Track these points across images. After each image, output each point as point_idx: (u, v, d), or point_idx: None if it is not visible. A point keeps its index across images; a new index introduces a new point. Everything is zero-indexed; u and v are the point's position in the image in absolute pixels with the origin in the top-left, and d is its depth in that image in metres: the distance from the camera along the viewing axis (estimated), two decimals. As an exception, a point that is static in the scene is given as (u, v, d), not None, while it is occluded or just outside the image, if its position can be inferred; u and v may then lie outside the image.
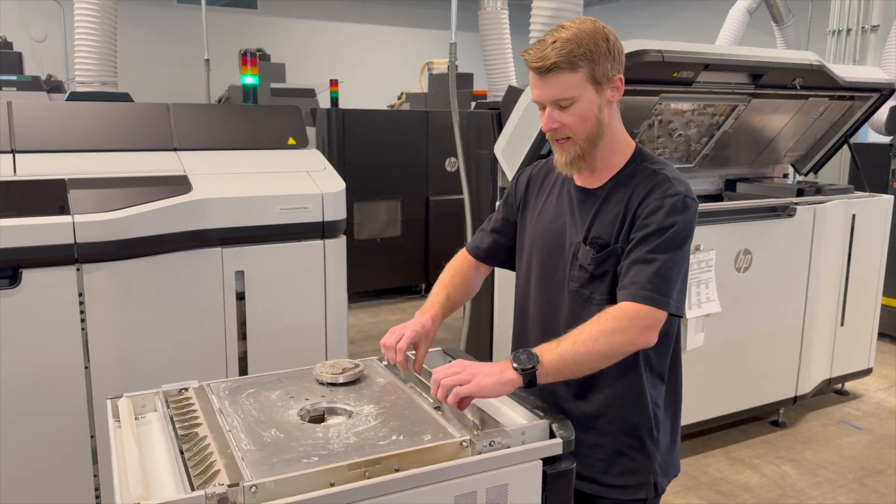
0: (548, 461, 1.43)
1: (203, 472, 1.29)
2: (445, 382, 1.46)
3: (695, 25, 12.20)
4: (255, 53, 4.60)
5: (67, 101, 3.65)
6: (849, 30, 6.71)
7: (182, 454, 1.36)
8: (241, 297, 2.71)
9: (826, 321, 4.14)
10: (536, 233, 1.78)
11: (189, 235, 2.55)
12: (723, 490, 3.40)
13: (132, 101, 4.74)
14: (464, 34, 4.98)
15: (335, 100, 6.83)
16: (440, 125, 6.70)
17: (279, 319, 2.79)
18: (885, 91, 4.27)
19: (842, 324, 4.26)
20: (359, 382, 1.71)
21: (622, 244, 1.61)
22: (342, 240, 2.89)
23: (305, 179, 2.84)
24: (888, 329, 5.44)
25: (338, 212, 2.84)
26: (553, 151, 1.69)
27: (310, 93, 8.64)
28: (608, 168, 1.68)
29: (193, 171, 2.70)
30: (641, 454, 1.69)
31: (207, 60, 6.47)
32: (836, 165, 5.71)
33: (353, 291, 3.13)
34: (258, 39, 11.67)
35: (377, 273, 6.52)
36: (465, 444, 1.38)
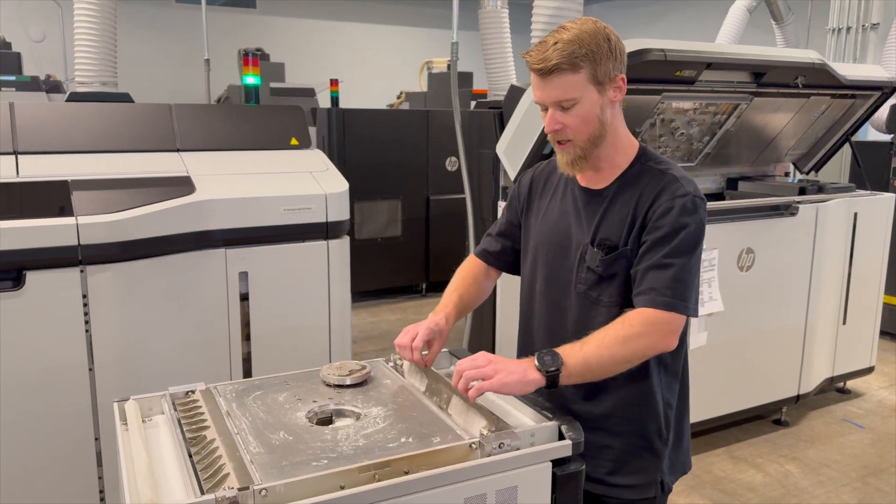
0: (557, 463, 1.43)
1: (212, 476, 1.28)
2: (469, 374, 1.48)
3: (694, 24, 12.20)
4: (255, 53, 4.57)
5: (70, 102, 3.63)
6: (848, 28, 6.71)
7: (191, 457, 1.36)
8: (245, 298, 2.70)
9: (828, 319, 4.14)
10: (541, 234, 1.78)
11: (193, 236, 2.54)
12: (726, 489, 3.40)
13: (132, 102, 4.73)
14: (463, 33, 4.97)
15: (335, 99, 6.81)
16: (440, 124, 6.69)
17: (283, 320, 2.78)
18: (887, 89, 4.27)
19: (844, 322, 4.26)
20: (366, 384, 1.70)
21: (632, 246, 1.60)
22: (346, 240, 2.89)
23: (309, 180, 2.84)
24: (889, 327, 5.44)
25: (341, 212, 2.83)
26: (555, 152, 1.69)
27: (309, 92, 8.63)
28: (612, 168, 1.68)
29: (196, 172, 2.69)
30: (650, 453, 1.69)
31: (207, 60, 6.46)
32: (837, 164, 5.71)
33: (354, 291, 3.13)
34: (257, 39, 11.66)
35: (378, 273, 6.51)
36: (475, 447, 1.38)
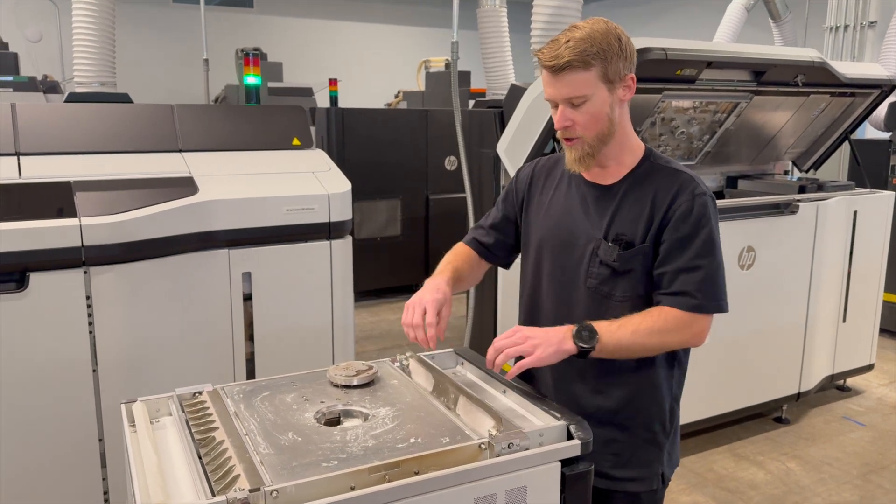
0: (566, 463, 1.43)
1: (223, 477, 1.28)
2: (509, 352, 1.53)
3: (691, 23, 12.22)
4: (253, 53, 4.56)
5: (72, 103, 3.62)
6: (846, 26, 6.72)
7: (200, 459, 1.36)
8: (248, 299, 2.70)
9: (828, 317, 4.15)
10: (545, 229, 1.78)
11: (196, 237, 2.54)
12: (728, 487, 3.41)
13: (131, 102, 4.72)
14: (461, 32, 4.97)
15: (334, 99, 6.81)
16: (440, 124, 6.69)
17: (286, 320, 2.78)
18: (886, 87, 4.28)
19: (844, 320, 4.27)
20: (373, 385, 1.70)
21: (650, 243, 1.63)
22: (348, 240, 2.89)
23: (311, 180, 2.84)
24: (889, 325, 5.46)
25: (344, 212, 2.83)
26: (563, 148, 1.69)
27: (307, 92, 8.62)
28: (619, 166, 1.70)
29: (199, 173, 2.69)
30: (653, 446, 1.73)
31: (206, 60, 6.45)
32: (836, 162, 5.72)
33: (354, 291, 3.13)
34: (254, 38, 11.64)
35: (377, 272, 6.51)
36: (484, 447, 1.38)
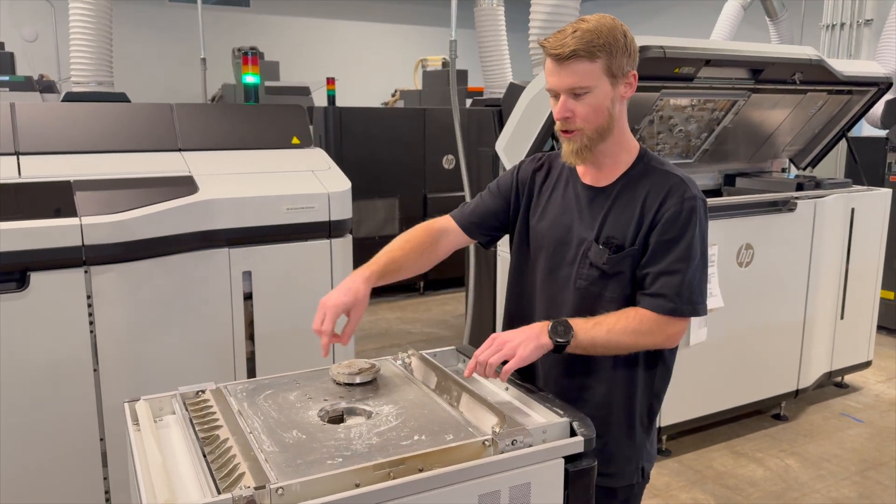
0: (569, 459, 1.43)
1: (228, 475, 1.28)
2: (493, 361, 1.54)
3: (688, 21, 12.24)
4: (253, 52, 4.57)
5: (70, 102, 3.62)
6: (842, 24, 6.74)
7: (205, 457, 1.36)
8: (249, 298, 2.70)
9: (826, 314, 4.17)
10: (543, 228, 1.78)
11: (196, 236, 2.54)
12: (728, 484, 3.42)
13: (129, 101, 4.72)
14: (458, 31, 4.98)
15: (332, 98, 6.81)
16: (437, 122, 6.69)
17: (286, 319, 2.78)
18: (883, 85, 4.30)
19: (842, 317, 4.28)
20: (375, 382, 1.70)
21: (639, 246, 1.64)
22: (348, 239, 2.89)
23: (311, 179, 2.84)
24: (886, 322, 5.47)
25: (344, 211, 2.83)
26: (560, 142, 1.69)
27: (304, 91, 8.62)
28: (616, 166, 1.70)
29: (199, 172, 2.69)
30: (634, 441, 1.76)
31: (204, 59, 6.44)
32: (833, 159, 5.74)
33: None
34: (250, 38, 11.63)
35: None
36: (488, 444, 1.38)
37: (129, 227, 2.38)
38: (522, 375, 1.70)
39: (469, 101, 7.76)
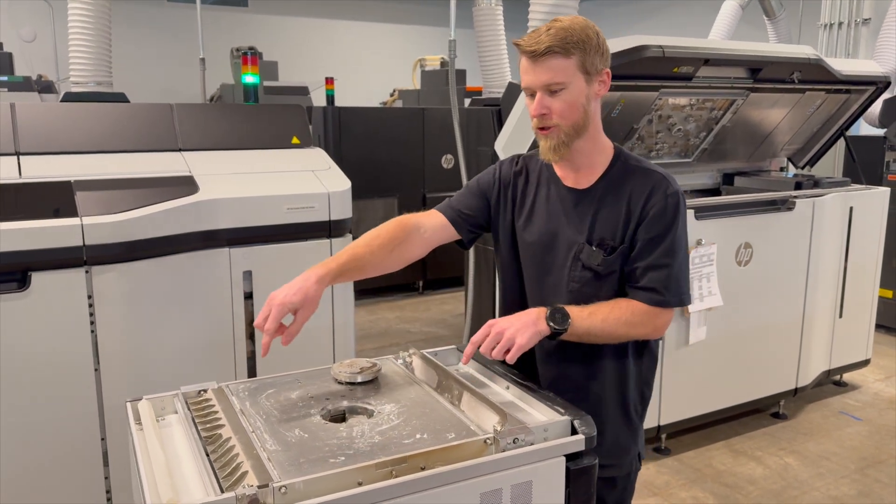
0: (570, 457, 1.44)
1: (231, 474, 1.28)
2: (495, 354, 1.56)
3: (686, 20, 12.25)
4: (252, 52, 4.57)
5: (70, 103, 3.62)
6: (840, 23, 6.75)
7: (208, 456, 1.36)
8: (249, 297, 2.70)
9: (825, 313, 4.18)
10: (531, 233, 1.80)
11: (197, 236, 2.54)
12: (727, 482, 3.43)
13: (128, 101, 4.72)
14: (457, 30, 4.99)
15: (331, 97, 6.81)
16: (436, 122, 6.70)
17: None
18: (881, 84, 4.31)
19: (840, 315, 4.29)
20: (377, 381, 1.71)
21: (628, 243, 1.69)
22: (348, 238, 2.89)
23: (311, 179, 2.84)
24: (885, 320, 5.48)
25: (344, 210, 2.84)
26: (537, 139, 1.71)
27: (303, 91, 8.61)
28: (592, 167, 1.73)
29: (199, 172, 2.69)
30: (630, 430, 1.80)
31: (203, 59, 6.44)
32: (831, 158, 5.75)
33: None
34: (249, 37, 11.63)
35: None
36: (489, 442, 1.39)
37: (130, 227, 2.39)
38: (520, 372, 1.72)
39: (468, 101, 7.76)
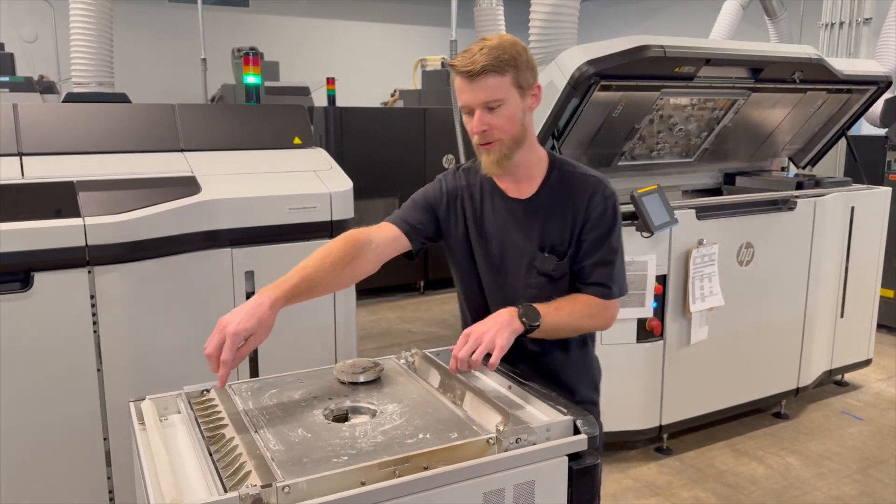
0: (573, 457, 1.44)
1: (234, 474, 1.28)
2: (476, 358, 1.59)
3: (687, 20, 12.24)
4: (254, 53, 4.58)
5: (72, 103, 3.62)
6: (842, 23, 6.75)
7: (211, 455, 1.36)
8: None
9: (826, 313, 4.18)
10: (483, 245, 1.85)
11: (199, 236, 2.55)
12: (729, 482, 3.43)
13: (130, 102, 4.72)
14: (458, 30, 5.00)
15: (332, 98, 6.81)
16: (437, 122, 6.69)
17: (289, 319, 2.76)
18: (882, 84, 4.31)
19: (842, 315, 4.29)
20: (379, 381, 1.71)
21: (575, 246, 1.80)
22: (350, 239, 2.89)
23: (313, 179, 2.85)
24: (886, 320, 5.48)
25: (346, 211, 2.84)
26: (478, 155, 1.79)
27: (304, 91, 8.62)
28: (532, 177, 1.82)
29: (201, 172, 2.69)
30: (598, 404, 1.97)
31: (204, 59, 6.45)
32: (832, 158, 5.75)
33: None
34: (250, 38, 11.63)
35: (378, 271, 6.50)
36: (492, 442, 1.39)
37: (133, 228, 2.39)
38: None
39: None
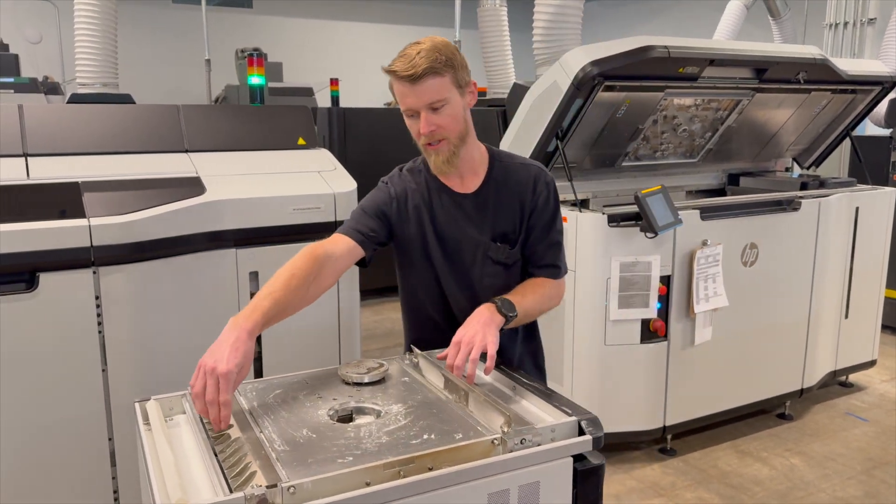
0: (577, 458, 1.44)
1: (239, 474, 1.29)
2: (474, 357, 1.62)
3: (691, 21, 12.23)
4: (258, 54, 4.58)
5: (79, 104, 3.63)
6: (846, 23, 6.74)
7: (216, 456, 1.37)
8: (256, 298, 2.71)
9: (831, 313, 4.17)
10: (437, 242, 1.89)
11: (204, 237, 2.55)
12: (733, 483, 3.42)
13: (134, 103, 4.73)
14: (461, 31, 5.00)
15: (336, 98, 6.81)
16: (440, 122, 6.69)
17: (293, 320, 2.76)
18: (887, 84, 4.30)
19: (846, 316, 4.28)
20: (384, 382, 1.72)
21: (523, 233, 1.89)
22: (354, 239, 2.89)
23: (317, 179, 2.85)
24: (891, 321, 5.47)
25: (349, 211, 2.84)
26: (426, 156, 1.85)
27: (308, 92, 8.64)
28: (475, 171, 1.89)
29: (206, 173, 2.70)
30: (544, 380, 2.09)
31: (208, 61, 6.45)
32: (837, 159, 5.74)
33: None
34: (253, 39, 11.66)
35: (380, 271, 6.48)
36: (497, 442, 1.39)
37: (137, 228, 2.40)
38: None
39: (472, 102, 7.75)
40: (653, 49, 3.23)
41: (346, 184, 2.89)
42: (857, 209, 4.18)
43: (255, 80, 3.61)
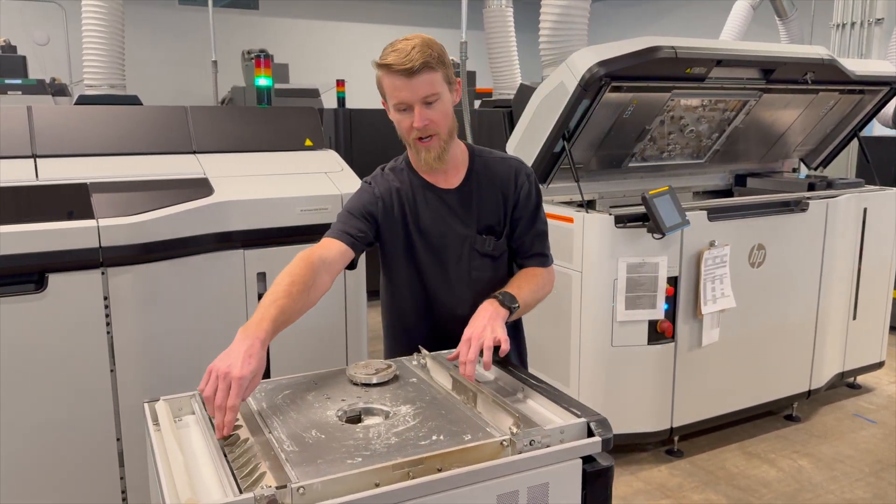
0: (586, 460, 1.44)
1: (249, 475, 1.29)
2: (488, 346, 1.64)
3: (698, 21, 12.21)
4: (266, 55, 4.60)
5: (87, 106, 3.65)
6: (853, 23, 6.72)
7: (225, 456, 1.37)
8: (263, 299, 2.71)
9: (839, 315, 4.15)
10: (424, 238, 1.91)
11: (212, 238, 2.56)
12: (740, 485, 3.41)
13: (141, 104, 4.75)
14: (467, 32, 5.00)
15: (342, 100, 6.82)
16: (446, 123, 6.69)
17: (300, 320, 2.77)
18: (895, 84, 4.28)
19: (854, 317, 4.27)
20: (392, 383, 1.72)
21: (507, 226, 1.93)
22: (361, 240, 2.90)
23: (324, 180, 2.86)
24: (898, 322, 5.44)
25: (356, 212, 2.85)
26: (416, 151, 1.83)
27: (314, 93, 8.64)
28: (457, 167, 1.92)
29: (214, 174, 2.71)
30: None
31: (215, 62, 6.47)
32: (844, 159, 5.72)
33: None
34: (259, 40, 11.68)
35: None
36: (506, 444, 1.39)
37: (146, 229, 2.40)
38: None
39: (478, 103, 7.76)
40: (660, 49, 3.23)
41: (353, 185, 2.89)
42: (865, 210, 4.16)
43: (263, 82, 3.62)
